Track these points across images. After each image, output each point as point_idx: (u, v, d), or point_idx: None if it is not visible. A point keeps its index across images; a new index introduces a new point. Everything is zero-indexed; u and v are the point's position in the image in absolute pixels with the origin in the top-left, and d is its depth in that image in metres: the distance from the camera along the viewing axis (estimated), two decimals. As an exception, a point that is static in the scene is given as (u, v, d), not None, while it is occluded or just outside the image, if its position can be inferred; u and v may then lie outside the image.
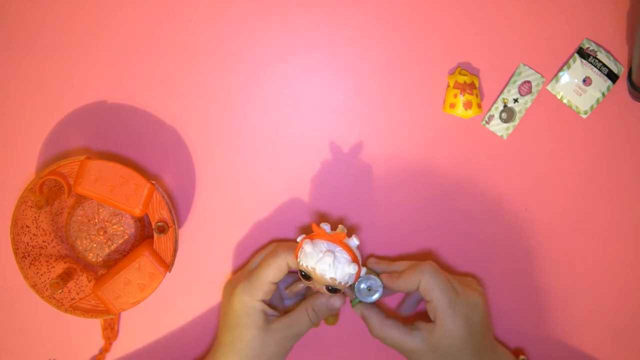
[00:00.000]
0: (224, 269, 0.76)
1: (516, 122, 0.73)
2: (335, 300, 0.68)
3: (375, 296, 0.67)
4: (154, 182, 0.70)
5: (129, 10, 0.74)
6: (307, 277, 0.64)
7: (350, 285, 0.66)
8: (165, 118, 0.75)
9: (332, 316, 0.74)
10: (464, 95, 0.71)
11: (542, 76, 0.73)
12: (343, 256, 0.64)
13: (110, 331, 0.76)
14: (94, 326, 0.77)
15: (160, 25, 0.74)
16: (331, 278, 0.63)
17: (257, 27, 0.74)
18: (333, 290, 0.64)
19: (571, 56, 0.73)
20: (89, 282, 0.73)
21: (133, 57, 0.74)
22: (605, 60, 0.73)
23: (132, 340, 0.77)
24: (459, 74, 0.72)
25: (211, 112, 0.75)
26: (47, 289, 0.71)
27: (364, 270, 0.67)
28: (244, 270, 0.72)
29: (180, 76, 0.74)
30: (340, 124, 0.75)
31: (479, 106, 0.72)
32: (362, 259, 0.68)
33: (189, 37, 0.74)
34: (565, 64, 0.73)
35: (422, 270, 0.65)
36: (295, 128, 0.75)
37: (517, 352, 0.75)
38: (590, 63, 0.73)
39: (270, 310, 0.68)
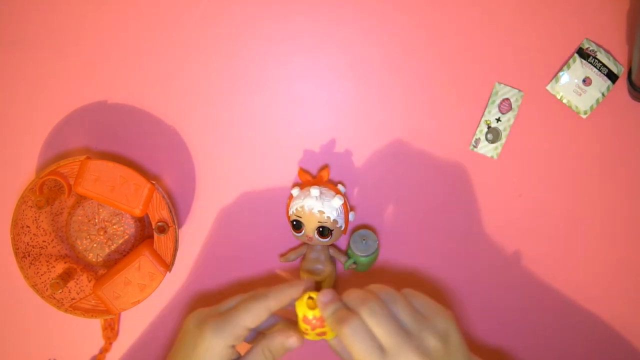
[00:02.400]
0: (224, 268, 0.76)
1: (503, 140, 0.73)
2: (293, 340, 0.62)
3: (371, 251, 0.71)
4: (154, 182, 0.69)
5: (129, 11, 0.74)
6: (297, 226, 0.69)
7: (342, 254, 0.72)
8: (166, 118, 0.74)
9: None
10: (314, 330, 0.61)
11: (520, 90, 0.73)
12: (328, 191, 0.69)
13: (110, 331, 0.75)
14: (94, 326, 0.76)
15: (161, 26, 0.74)
16: (319, 211, 0.68)
17: (259, 27, 0.73)
18: (324, 232, 0.68)
19: (571, 56, 0.73)
20: (89, 282, 0.73)
21: (133, 58, 0.74)
22: (605, 60, 0.72)
23: (132, 340, 0.77)
24: (307, 305, 0.61)
25: (211, 112, 0.74)
26: (47, 289, 0.70)
27: (352, 214, 0.71)
28: (213, 308, 0.64)
29: (180, 76, 0.74)
30: (340, 124, 0.74)
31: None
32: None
33: (190, 37, 0.74)
34: (565, 64, 0.73)
35: (336, 320, 0.58)
36: (295, 128, 0.74)
37: None
38: (590, 63, 0.72)
39: (234, 355, 0.62)
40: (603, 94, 0.73)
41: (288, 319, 0.66)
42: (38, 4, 0.73)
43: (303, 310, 0.61)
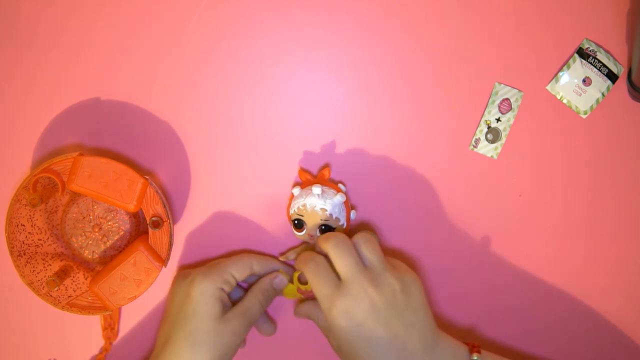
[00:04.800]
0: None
1: (503, 140, 0.71)
2: (280, 279, 0.69)
3: None
4: (147, 177, 0.67)
5: (123, 7, 0.72)
6: (299, 225, 0.68)
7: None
8: (159, 113, 0.73)
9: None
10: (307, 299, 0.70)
11: (520, 90, 0.71)
12: (329, 189, 0.68)
13: (110, 331, 0.74)
14: (94, 326, 0.75)
15: (156, 23, 0.72)
16: (322, 209, 0.66)
17: (259, 23, 0.72)
18: (326, 229, 0.67)
19: (571, 56, 0.71)
20: (86, 279, 0.71)
21: (126, 54, 0.72)
22: (605, 61, 0.70)
23: (132, 340, 0.75)
24: (298, 280, 0.69)
25: (205, 107, 0.72)
26: (43, 287, 0.69)
27: (353, 213, 0.70)
28: (201, 267, 0.69)
29: (173, 71, 0.72)
30: (340, 124, 0.73)
31: None
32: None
33: (182, 32, 0.72)
34: (565, 64, 0.71)
35: (300, 260, 0.63)
36: (294, 128, 0.73)
37: (472, 345, 0.64)
38: (590, 63, 0.71)
39: (227, 301, 0.65)
40: (603, 94, 0.71)
41: None
42: (30, 0, 0.72)
43: (297, 283, 0.69)
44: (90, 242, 0.72)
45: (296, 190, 0.69)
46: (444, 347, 0.61)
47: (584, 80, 0.71)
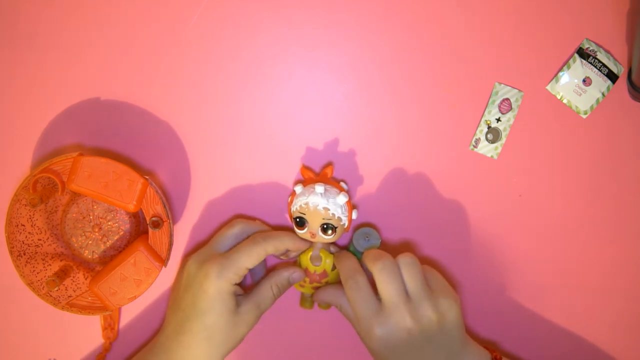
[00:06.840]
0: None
1: (503, 140, 0.71)
2: (298, 275, 0.68)
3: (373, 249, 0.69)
4: (147, 177, 0.67)
5: (123, 7, 0.71)
6: (301, 223, 0.67)
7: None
8: (159, 113, 0.72)
9: (309, 302, 0.72)
10: (312, 284, 0.70)
11: (520, 90, 0.71)
12: (332, 188, 0.67)
13: (111, 331, 0.74)
14: (94, 326, 0.74)
15: (154, 21, 0.71)
16: (324, 208, 0.65)
17: (255, 22, 0.71)
18: (328, 228, 0.66)
19: (571, 56, 0.70)
20: (86, 279, 0.71)
21: (126, 54, 0.72)
22: (605, 60, 0.70)
23: (132, 340, 0.75)
24: (311, 261, 0.69)
25: (205, 107, 0.72)
26: (43, 287, 0.68)
27: (355, 212, 0.69)
28: (210, 249, 0.68)
29: (173, 71, 0.72)
30: (341, 123, 0.72)
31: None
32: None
33: (182, 32, 0.71)
34: (565, 64, 0.70)
35: (350, 279, 0.63)
36: (291, 124, 0.72)
37: (494, 357, 0.67)
38: (590, 63, 0.70)
39: (239, 290, 0.66)
40: (603, 94, 0.70)
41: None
42: (30, 0, 0.71)
43: (307, 263, 0.69)
44: (90, 242, 0.71)
45: (298, 188, 0.68)
46: (468, 357, 0.64)
47: (584, 80, 0.70)
